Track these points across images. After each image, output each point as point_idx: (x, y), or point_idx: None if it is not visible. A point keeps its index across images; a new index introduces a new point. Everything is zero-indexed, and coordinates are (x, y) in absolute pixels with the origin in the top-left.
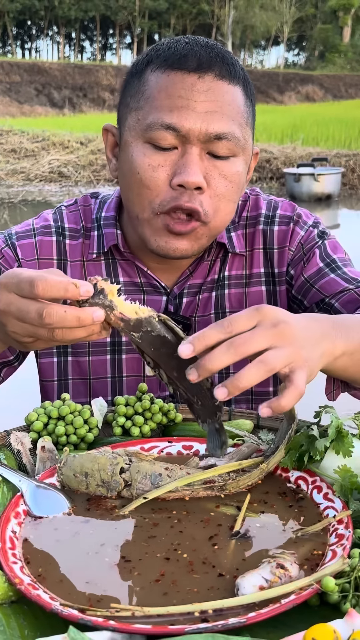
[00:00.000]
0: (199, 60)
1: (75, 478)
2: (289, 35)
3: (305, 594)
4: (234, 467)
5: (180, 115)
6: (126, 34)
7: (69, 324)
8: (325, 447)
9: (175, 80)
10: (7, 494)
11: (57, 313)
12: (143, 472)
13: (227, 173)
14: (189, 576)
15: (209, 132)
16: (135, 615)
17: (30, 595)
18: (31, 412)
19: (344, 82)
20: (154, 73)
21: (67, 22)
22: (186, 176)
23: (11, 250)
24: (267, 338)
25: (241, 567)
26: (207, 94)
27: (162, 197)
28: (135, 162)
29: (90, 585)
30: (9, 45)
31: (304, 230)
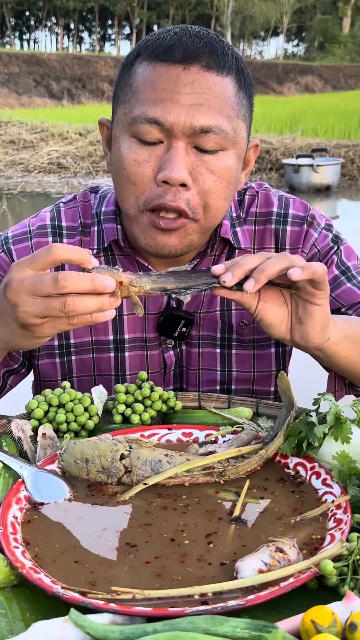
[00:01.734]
0: (184, 51)
1: (76, 464)
2: (289, 26)
3: (304, 577)
4: (233, 453)
5: (164, 109)
6: (125, 24)
7: (82, 285)
8: (324, 434)
9: (161, 73)
10: (8, 480)
11: (71, 275)
12: (143, 459)
13: (215, 168)
14: (188, 560)
15: (193, 125)
16: (135, 598)
17: (31, 578)
18: (32, 399)
19: (344, 73)
20: (142, 65)
21: (66, 12)
22: (170, 172)
23: (7, 255)
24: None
25: (240, 551)
26: (193, 85)
27: (147, 194)
28: (122, 157)
29: (91, 569)
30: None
31: (317, 232)
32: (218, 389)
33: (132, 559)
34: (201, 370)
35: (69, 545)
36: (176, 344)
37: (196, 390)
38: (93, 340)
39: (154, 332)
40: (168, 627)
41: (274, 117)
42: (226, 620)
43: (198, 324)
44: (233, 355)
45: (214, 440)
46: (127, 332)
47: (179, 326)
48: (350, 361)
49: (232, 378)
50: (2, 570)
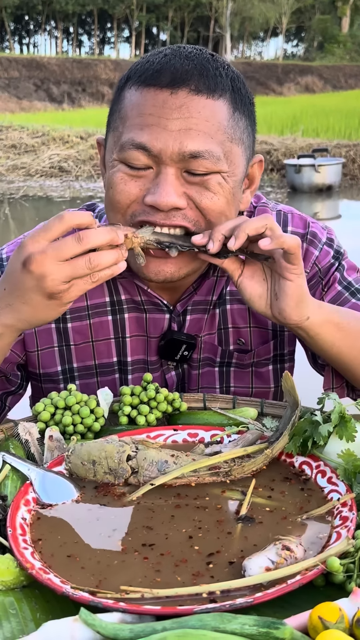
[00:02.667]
0: (172, 75)
1: (83, 466)
2: (288, 27)
3: (310, 574)
4: (239, 453)
5: (151, 134)
6: (124, 27)
7: (101, 237)
8: (329, 432)
9: (147, 98)
10: (16, 482)
11: (91, 232)
12: (150, 460)
13: (209, 185)
14: (196, 558)
15: (182, 151)
16: (144, 597)
17: (41, 579)
18: (38, 402)
19: (344, 73)
20: (130, 90)
21: (65, 16)
22: (158, 197)
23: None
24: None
25: (247, 549)
26: (181, 110)
27: (133, 209)
28: (111, 178)
29: (100, 568)
30: (7, 41)
31: (318, 250)
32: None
33: (140, 558)
34: (201, 388)
35: (77, 546)
36: (178, 365)
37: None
38: (97, 364)
39: (155, 355)
40: (177, 625)
41: (275, 118)
42: (234, 618)
43: (200, 347)
44: (231, 372)
45: (219, 440)
46: (130, 355)
47: (181, 350)
48: (335, 347)
49: (230, 394)
50: (12, 571)
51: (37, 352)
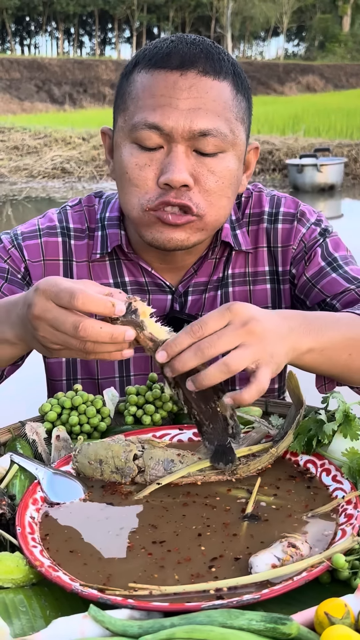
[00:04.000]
0: (181, 58)
1: (90, 465)
2: (289, 26)
3: (316, 570)
4: (244, 452)
5: (163, 114)
6: (125, 28)
7: (102, 339)
8: (333, 431)
9: (158, 79)
10: (24, 481)
11: (93, 328)
12: (156, 459)
13: (216, 169)
14: (202, 556)
15: (192, 129)
16: (152, 594)
17: (50, 577)
18: (45, 402)
19: (345, 72)
20: (140, 74)
21: (66, 17)
22: (171, 174)
23: (18, 251)
24: (235, 338)
25: (253, 547)
26: (190, 90)
27: (150, 195)
28: (124, 162)
29: (108, 566)
30: (8, 42)
31: (305, 227)
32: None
33: (148, 556)
34: None
35: (85, 544)
36: None
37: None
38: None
39: None
40: (185, 621)
41: (276, 118)
42: (242, 614)
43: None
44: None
45: None
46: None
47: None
48: (319, 369)
49: (235, 378)
50: (22, 569)
51: None
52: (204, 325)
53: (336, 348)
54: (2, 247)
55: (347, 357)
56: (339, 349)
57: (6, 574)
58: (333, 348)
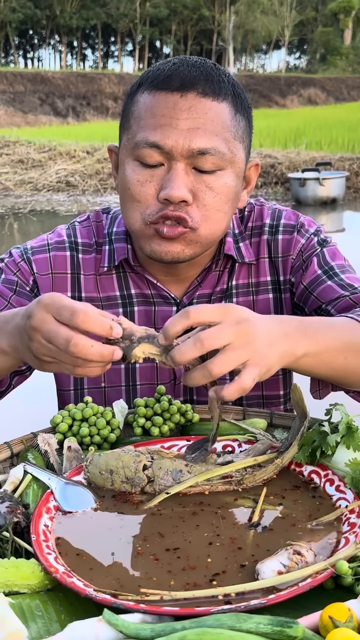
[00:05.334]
0: (182, 80)
1: (101, 475)
2: (290, 39)
3: (321, 577)
4: (250, 462)
5: (163, 133)
6: (128, 41)
7: (91, 357)
8: (337, 442)
9: (160, 100)
10: (37, 491)
11: (84, 345)
12: (165, 469)
13: (214, 186)
14: (211, 564)
15: (191, 148)
16: (163, 599)
17: (65, 582)
18: (56, 414)
19: (346, 85)
20: (143, 94)
21: (69, 30)
22: (170, 190)
23: (27, 264)
24: (230, 335)
25: (259, 554)
26: (190, 111)
27: (151, 209)
28: (127, 178)
29: (120, 572)
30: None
31: (305, 238)
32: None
33: (158, 563)
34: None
35: (98, 551)
36: None
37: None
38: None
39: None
40: (196, 625)
41: (278, 131)
42: (250, 617)
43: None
44: None
45: (231, 450)
46: None
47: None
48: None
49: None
50: (37, 575)
51: None
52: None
53: (332, 352)
54: (12, 260)
55: (343, 360)
56: (335, 352)
57: (22, 580)
58: (329, 352)
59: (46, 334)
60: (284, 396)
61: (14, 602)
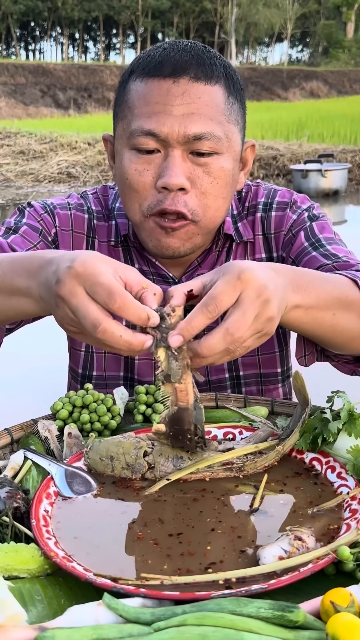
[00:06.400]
0: (173, 66)
1: (102, 461)
2: (293, 32)
3: (322, 562)
4: (251, 449)
5: (158, 121)
6: (129, 33)
7: (118, 347)
8: (338, 429)
9: (152, 88)
10: (37, 477)
11: (113, 334)
12: (165, 455)
13: (211, 170)
14: (212, 549)
15: (187, 134)
16: (163, 584)
17: (65, 567)
18: (57, 401)
19: (349, 78)
20: (135, 82)
21: (71, 22)
22: (168, 178)
23: (50, 216)
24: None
25: (260, 540)
26: (183, 97)
27: (150, 200)
28: (124, 168)
29: (120, 557)
30: (13, 47)
31: (296, 214)
32: (227, 377)
33: (158, 548)
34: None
35: (98, 536)
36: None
37: (205, 381)
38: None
39: None
40: (196, 609)
41: (280, 123)
42: (250, 602)
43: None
44: None
45: (232, 437)
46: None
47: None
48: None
49: (238, 364)
50: (37, 559)
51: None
52: (218, 303)
53: (322, 307)
54: (34, 210)
55: (331, 317)
56: (325, 307)
57: (22, 565)
58: (318, 307)
59: (74, 308)
60: (281, 374)
61: (14, 586)
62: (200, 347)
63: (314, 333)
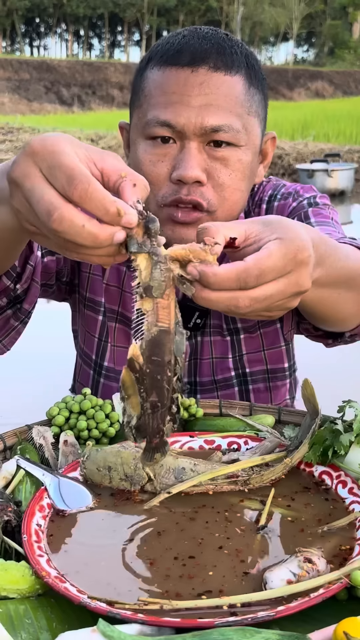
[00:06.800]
0: (192, 55)
1: (99, 472)
2: (298, 32)
3: (334, 587)
4: (257, 461)
5: (174, 111)
6: (135, 31)
7: (81, 240)
8: (350, 442)
9: (170, 76)
10: (30, 488)
11: (72, 222)
12: (167, 467)
13: (229, 162)
14: (215, 570)
15: (204, 125)
16: (163, 609)
17: (57, 588)
18: (52, 406)
19: (354, 79)
20: (152, 70)
21: (76, 19)
22: (183, 171)
23: None
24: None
25: (266, 561)
26: (201, 87)
27: (164, 191)
28: (139, 158)
29: (116, 578)
30: (18, 43)
31: (297, 202)
32: (233, 374)
33: (157, 569)
34: (214, 359)
35: (93, 553)
36: (191, 335)
37: (210, 379)
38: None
39: None
40: (199, 639)
41: (285, 123)
42: (257, 632)
43: (210, 316)
44: (242, 340)
45: (236, 447)
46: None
47: (194, 317)
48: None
49: (244, 361)
50: (28, 579)
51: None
52: (260, 279)
53: (330, 285)
54: None
55: (336, 296)
56: (333, 286)
57: (11, 584)
58: (328, 285)
59: (27, 193)
60: (289, 369)
61: (2, 609)
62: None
63: (312, 309)
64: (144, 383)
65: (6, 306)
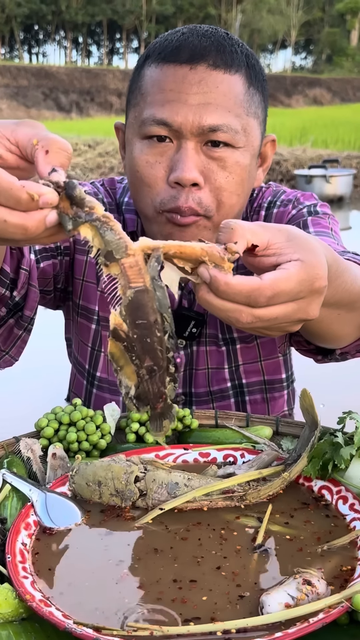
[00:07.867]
0: (191, 52)
1: (88, 487)
2: (297, 39)
3: (334, 612)
4: (254, 476)
5: (171, 110)
6: (133, 38)
7: (10, 236)
8: (351, 455)
9: (168, 74)
10: (16, 504)
11: None
12: (159, 481)
13: (227, 164)
14: (209, 593)
15: (202, 125)
16: (153, 635)
17: (41, 612)
18: (41, 417)
19: (352, 86)
20: (150, 68)
21: (74, 26)
22: (181, 173)
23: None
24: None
25: (263, 582)
26: (200, 85)
27: (162, 196)
28: (135, 159)
29: (104, 601)
30: (16, 50)
31: (296, 209)
32: (229, 386)
33: (147, 591)
34: (210, 369)
35: (81, 575)
36: (187, 345)
37: (206, 391)
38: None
39: None
40: None
41: (283, 129)
42: None
43: (207, 323)
44: (238, 350)
45: (232, 461)
46: None
47: (189, 326)
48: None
49: (240, 372)
50: (11, 602)
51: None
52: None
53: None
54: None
55: (336, 316)
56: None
57: None
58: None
59: None
60: (286, 379)
61: None
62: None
63: (310, 325)
64: (134, 350)
65: (7, 315)
